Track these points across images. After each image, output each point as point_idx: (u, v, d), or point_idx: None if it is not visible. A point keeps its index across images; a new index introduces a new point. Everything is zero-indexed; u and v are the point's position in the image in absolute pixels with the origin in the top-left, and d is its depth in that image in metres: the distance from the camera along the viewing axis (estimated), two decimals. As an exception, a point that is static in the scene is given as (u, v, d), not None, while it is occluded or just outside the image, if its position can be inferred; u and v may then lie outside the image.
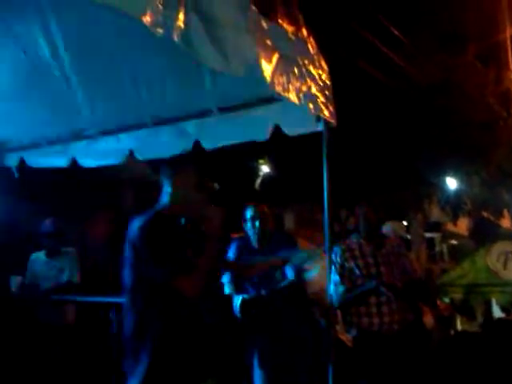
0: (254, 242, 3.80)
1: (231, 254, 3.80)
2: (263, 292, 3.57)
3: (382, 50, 10.56)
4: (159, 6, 2.02)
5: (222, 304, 3.64)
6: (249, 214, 3.86)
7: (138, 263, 2.40)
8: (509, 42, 10.59)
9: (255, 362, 3.65)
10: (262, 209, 3.87)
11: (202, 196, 2.57)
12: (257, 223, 3.79)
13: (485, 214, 8.93)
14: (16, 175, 4.70)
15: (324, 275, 3.37)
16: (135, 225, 2.48)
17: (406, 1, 10.14)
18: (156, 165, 2.74)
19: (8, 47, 3.20)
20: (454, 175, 14.38)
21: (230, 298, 3.63)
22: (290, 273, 3.65)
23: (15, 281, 4.62)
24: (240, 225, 3.95)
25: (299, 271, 3.65)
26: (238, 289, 3.67)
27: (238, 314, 3.53)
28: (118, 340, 4.05)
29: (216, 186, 2.70)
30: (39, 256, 4.77)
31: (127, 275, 2.48)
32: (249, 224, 3.81)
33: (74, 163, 4.55)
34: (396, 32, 10.56)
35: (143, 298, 2.41)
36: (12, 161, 4.71)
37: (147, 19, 1.96)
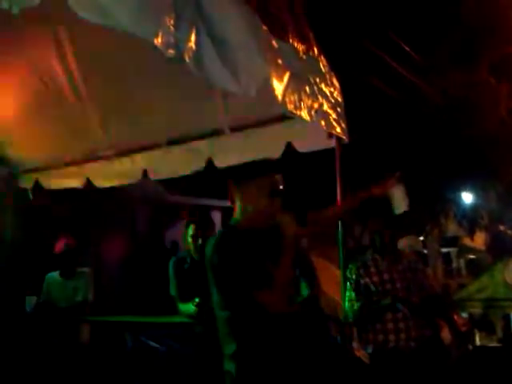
0: None
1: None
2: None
3: (394, 66, 10.60)
4: (171, 27, 2.05)
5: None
6: None
7: (219, 282, 2.34)
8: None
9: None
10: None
11: (275, 204, 2.44)
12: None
13: (502, 228, 8.84)
14: (31, 197, 4.76)
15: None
16: (210, 243, 2.39)
17: (418, 18, 10.18)
18: (227, 177, 2.66)
19: (24, 72, 3.26)
20: (470, 190, 14.27)
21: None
22: (304, 289, 3.63)
23: (30, 301, 4.65)
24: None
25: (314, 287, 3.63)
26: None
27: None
28: (133, 359, 4.07)
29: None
30: (54, 276, 4.80)
31: (214, 295, 2.43)
32: None
33: (89, 184, 4.59)
34: (407, 48, 10.59)
35: (230, 318, 2.37)
36: (27, 182, 4.77)
37: (159, 41, 2.00)
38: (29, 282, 5.05)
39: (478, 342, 4.75)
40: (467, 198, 14.64)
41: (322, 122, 3.18)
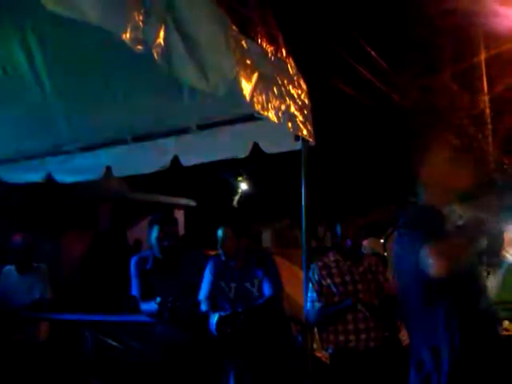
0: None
1: (209, 271, 3.78)
2: (239, 309, 3.55)
3: (360, 70, 10.75)
4: (140, 23, 2.03)
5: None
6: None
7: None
8: (483, 65, 10.87)
9: (231, 381, 3.62)
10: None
11: None
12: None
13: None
14: (-10, 190, 4.65)
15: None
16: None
17: (385, 25, 10.36)
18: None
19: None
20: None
21: (205, 316, 3.60)
22: (267, 289, 3.65)
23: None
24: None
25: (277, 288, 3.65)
26: (214, 306, 3.65)
27: (214, 332, 3.50)
28: (92, 357, 4.01)
29: None
30: (11, 270, 4.70)
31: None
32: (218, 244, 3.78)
33: (51, 179, 4.51)
34: (373, 53, 10.77)
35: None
36: (-14, 176, 4.65)
37: (127, 36, 1.97)
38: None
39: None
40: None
41: (289, 124, 3.19)
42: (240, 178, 18.84)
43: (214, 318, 3.51)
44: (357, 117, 10.87)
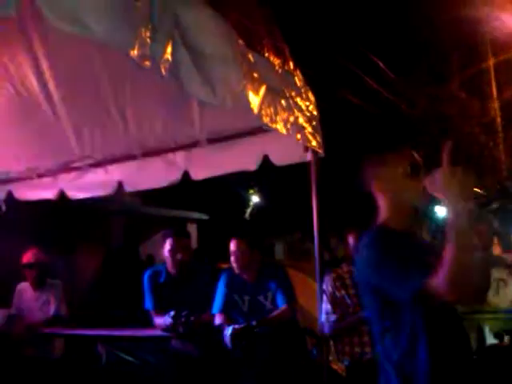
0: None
1: (222, 284, 3.78)
2: (253, 322, 3.54)
3: (368, 80, 10.76)
4: (147, 39, 2.05)
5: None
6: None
7: (379, 287, 2.02)
8: (492, 71, 10.83)
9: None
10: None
11: (418, 183, 2.01)
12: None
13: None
14: (3, 208, 4.68)
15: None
16: (362, 245, 2.10)
17: (391, 33, 10.38)
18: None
19: (-3, 82, 3.23)
20: (444, 203, 14.44)
21: (219, 330, 3.59)
22: (280, 301, 3.63)
23: (1, 314, 4.55)
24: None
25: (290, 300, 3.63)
26: (228, 319, 3.64)
27: (229, 345, 3.49)
28: (107, 372, 4.00)
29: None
30: (25, 286, 4.72)
31: (368, 305, 2.14)
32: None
33: (63, 196, 4.54)
34: (381, 64, 10.78)
35: (397, 323, 2.03)
36: (-1, 193, 4.70)
37: (135, 52, 1.99)
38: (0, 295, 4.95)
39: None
40: (440, 210, 14.82)
41: (298, 136, 3.20)
42: (251, 191, 18.85)
43: (228, 331, 3.49)
44: (366, 127, 10.86)
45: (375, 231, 2.13)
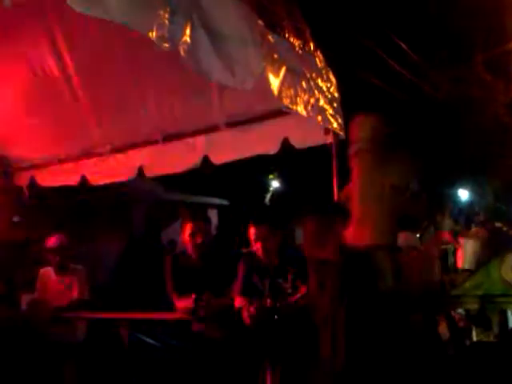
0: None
1: (242, 268, 3.78)
2: (273, 304, 3.53)
3: (390, 62, 10.61)
4: (166, 21, 2.04)
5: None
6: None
7: None
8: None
9: (268, 377, 3.61)
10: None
11: None
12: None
13: (498, 225, 8.85)
14: (27, 194, 4.74)
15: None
16: None
17: (414, 15, 10.19)
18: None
19: (18, 67, 3.24)
20: (466, 186, 14.29)
21: (240, 311, 3.60)
22: (301, 285, 3.62)
23: (26, 299, 4.62)
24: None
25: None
26: (248, 302, 3.65)
27: (249, 326, 3.50)
28: (130, 355, 4.05)
29: None
30: (48, 271, 4.78)
31: None
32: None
33: (85, 181, 4.57)
34: (403, 45, 10.61)
35: None
36: (23, 180, 4.75)
37: (153, 34, 1.98)
38: (25, 280, 5.02)
39: (474, 337, 4.75)
40: (463, 194, 14.65)
41: (319, 118, 3.16)
42: (272, 176, 18.83)
43: (248, 312, 3.50)
44: (387, 108, 10.73)
45: None
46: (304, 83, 3.02)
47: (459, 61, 10.92)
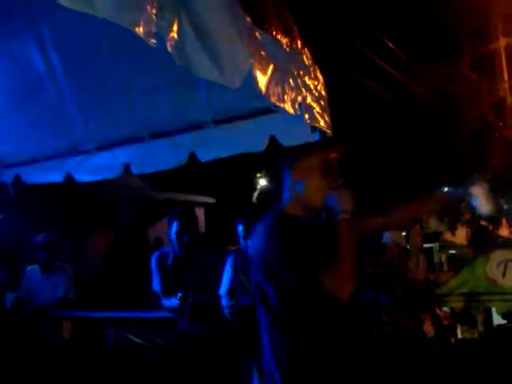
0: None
1: (229, 265, 3.78)
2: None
3: (377, 61, 10.66)
4: (153, 16, 2.01)
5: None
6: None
7: (272, 276, 2.07)
8: (502, 51, 10.69)
9: (254, 375, 3.61)
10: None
11: (329, 182, 2.22)
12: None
13: (483, 223, 8.92)
14: (11, 192, 4.68)
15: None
16: (257, 234, 2.19)
17: (402, 15, 10.25)
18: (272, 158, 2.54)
19: (2, 62, 3.20)
20: (451, 185, 14.39)
21: (226, 310, 3.60)
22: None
23: (10, 297, 4.58)
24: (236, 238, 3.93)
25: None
26: (234, 300, 3.65)
27: (233, 324, 3.50)
28: (115, 354, 4.03)
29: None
30: (34, 269, 4.74)
31: (261, 295, 2.17)
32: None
33: (70, 179, 4.52)
34: (391, 44, 10.66)
35: (289, 314, 2.06)
36: (7, 177, 4.69)
37: (140, 30, 1.96)
38: (9, 278, 4.98)
39: (459, 335, 4.80)
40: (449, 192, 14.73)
41: (306, 115, 3.15)
42: (259, 175, 18.81)
43: (232, 310, 3.50)
44: (376, 108, 10.77)
45: (275, 216, 2.25)
46: (291, 81, 3.01)
47: (446, 60, 11.00)
